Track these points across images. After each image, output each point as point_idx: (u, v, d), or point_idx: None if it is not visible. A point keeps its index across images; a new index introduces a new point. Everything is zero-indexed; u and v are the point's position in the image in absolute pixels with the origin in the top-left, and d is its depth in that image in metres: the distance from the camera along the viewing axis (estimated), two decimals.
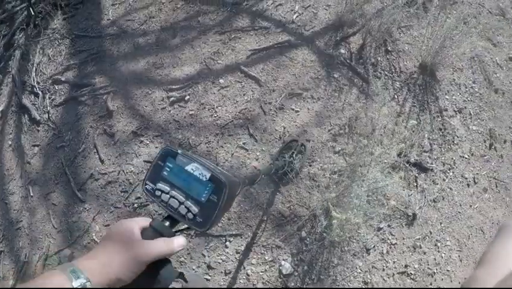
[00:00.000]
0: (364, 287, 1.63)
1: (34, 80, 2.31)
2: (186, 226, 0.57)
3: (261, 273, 1.69)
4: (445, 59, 2.00)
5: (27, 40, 2.41)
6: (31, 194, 2.09)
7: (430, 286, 1.65)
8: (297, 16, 2.20)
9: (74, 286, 0.42)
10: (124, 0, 2.39)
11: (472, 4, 2.30)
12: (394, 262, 1.69)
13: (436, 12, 2.18)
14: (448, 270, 1.71)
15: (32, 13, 2.44)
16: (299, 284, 1.64)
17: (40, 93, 2.26)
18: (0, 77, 2.46)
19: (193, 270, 1.68)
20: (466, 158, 1.90)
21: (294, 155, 1.70)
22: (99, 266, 0.46)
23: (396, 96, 2.04)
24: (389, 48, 2.16)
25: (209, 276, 1.70)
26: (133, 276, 0.47)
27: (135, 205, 1.82)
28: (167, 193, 0.56)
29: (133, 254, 0.47)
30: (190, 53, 2.08)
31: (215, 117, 1.88)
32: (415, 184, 1.85)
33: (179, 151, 0.57)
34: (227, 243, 1.74)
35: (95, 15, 2.42)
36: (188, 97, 1.92)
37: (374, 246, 1.69)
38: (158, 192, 0.57)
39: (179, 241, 0.52)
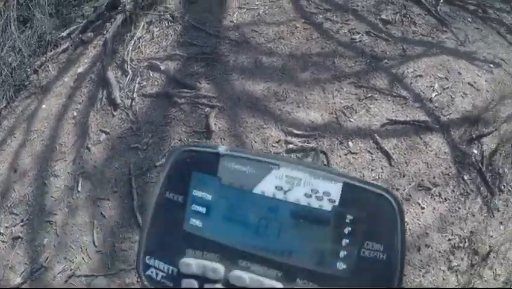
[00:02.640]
0: None
1: (127, 55, 1.96)
2: None
3: None
4: None
5: (134, 8, 2.07)
6: (79, 189, 1.71)
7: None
8: (435, 95, 1.98)
9: None
10: (254, 8, 2.11)
11: None
12: None
13: None
14: None
15: None
16: None
17: (130, 72, 1.92)
18: (91, 35, 2.11)
19: None
20: None
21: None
22: None
23: None
24: None
25: None
26: None
27: None
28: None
29: None
30: (320, 97, 1.80)
31: None
32: None
33: (221, 149, 0.27)
34: None
35: (217, 11, 2.11)
36: None
37: None
38: (188, 283, 0.22)
39: None
